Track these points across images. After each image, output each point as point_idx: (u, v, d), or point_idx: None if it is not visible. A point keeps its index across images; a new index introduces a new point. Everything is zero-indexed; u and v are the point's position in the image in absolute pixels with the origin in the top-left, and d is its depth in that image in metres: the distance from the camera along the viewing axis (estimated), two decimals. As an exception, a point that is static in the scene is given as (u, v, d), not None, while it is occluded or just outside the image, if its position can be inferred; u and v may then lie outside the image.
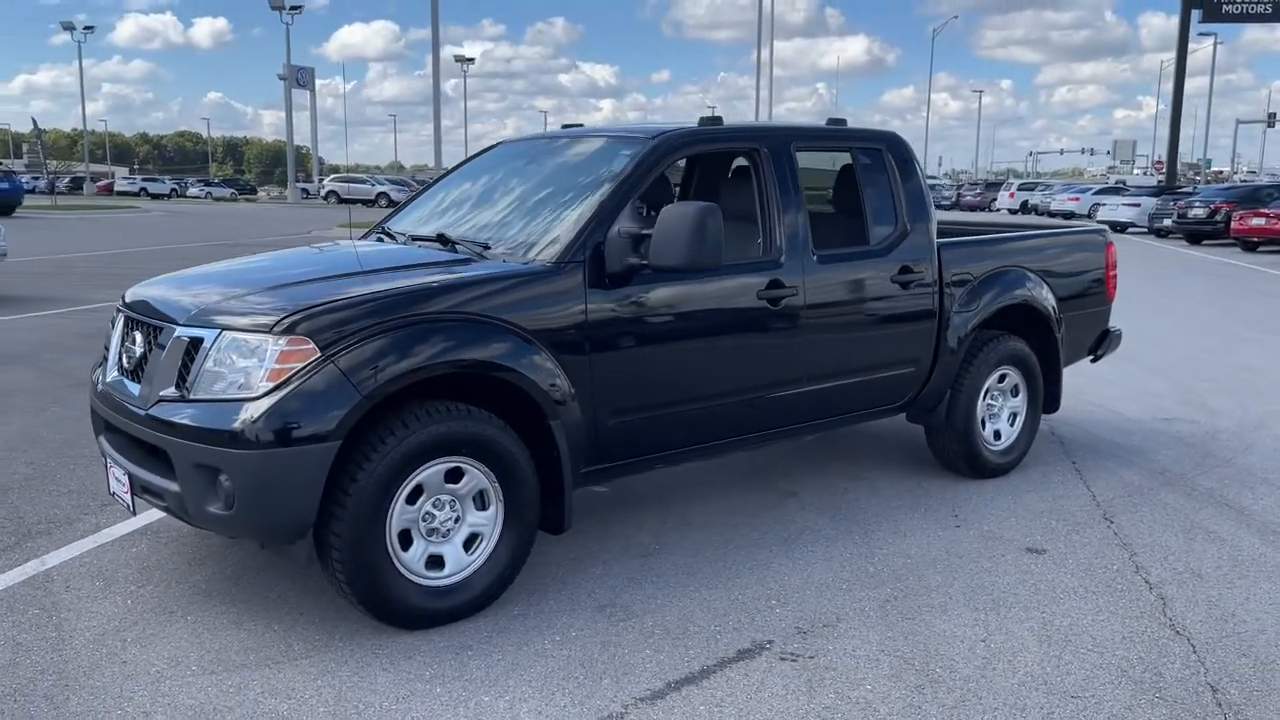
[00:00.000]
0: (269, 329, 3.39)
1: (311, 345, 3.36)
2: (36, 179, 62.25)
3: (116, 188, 71.33)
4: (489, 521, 3.75)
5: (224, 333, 3.46)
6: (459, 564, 3.70)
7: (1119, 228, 31.73)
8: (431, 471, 3.57)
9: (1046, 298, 5.64)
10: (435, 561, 3.66)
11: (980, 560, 4.38)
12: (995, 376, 5.48)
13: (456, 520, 3.69)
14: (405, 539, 3.57)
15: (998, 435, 5.58)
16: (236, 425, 3.29)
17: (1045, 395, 5.81)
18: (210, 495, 3.38)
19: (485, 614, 3.77)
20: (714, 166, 5.58)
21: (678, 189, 5.61)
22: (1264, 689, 3.32)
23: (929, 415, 5.40)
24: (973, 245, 5.49)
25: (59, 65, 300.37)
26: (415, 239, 4.56)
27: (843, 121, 5.22)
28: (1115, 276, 6.22)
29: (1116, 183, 53.30)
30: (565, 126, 5.40)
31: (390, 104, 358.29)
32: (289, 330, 3.37)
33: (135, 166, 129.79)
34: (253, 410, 3.29)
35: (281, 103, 27.87)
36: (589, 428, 3.98)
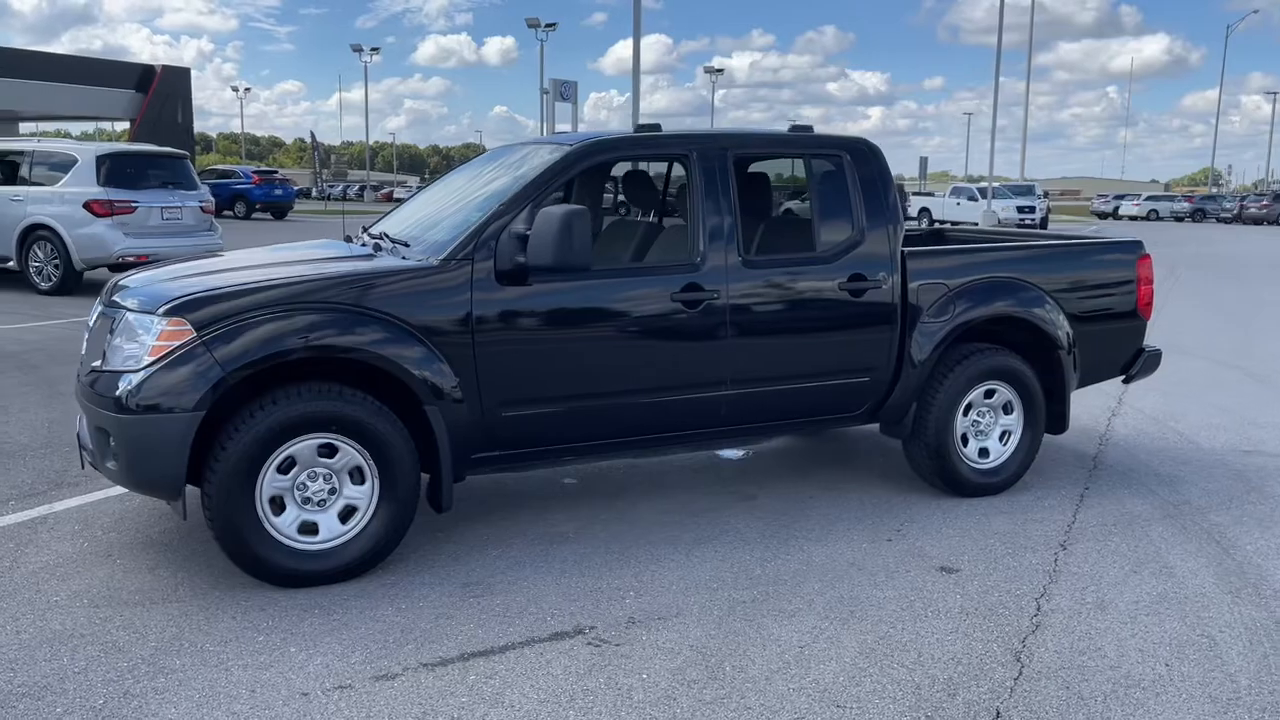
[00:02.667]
0: (154, 311, 3.90)
1: (188, 327, 3.84)
2: (332, 186, 71.07)
3: (395, 195, 77.66)
4: (364, 496, 4.10)
5: (128, 314, 4.00)
6: (332, 532, 4.07)
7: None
8: (304, 446, 3.96)
9: (1047, 311, 5.35)
10: (310, 528, 4.05)
11: (878, 574, 4.30)
12: (980, 391, 5.27)
13: (331, 492, 4.06)
14: (279, 505, 3.98)
15: (984, 453, 5.36)
16: (119, 393, 3.81)
17: (1050, 415, 5.51)
18: (106, 453, 3.93)
19: (362, 580, 4.12)
20: (651, 173, 5.68)
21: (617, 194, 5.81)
22: (1052, 717, 3.15)
23: (897, 427, 5.27)
24: (948, 255, 5.31)
25: (368, 84, 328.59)
26: (372, 237, 4.98)
27: (808, 129, 5.20)
28: (1150, 291, 5.78)
29: None
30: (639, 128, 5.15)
31: (660, 115, 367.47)
32: (170, 313, 3.87)
33: (425, 176, 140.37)
34: (134, 381, 3.81)
35: (555, 116, 29.14)
36: (477, 417, 4.25)
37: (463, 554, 4.45)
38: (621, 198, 5.87)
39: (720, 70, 76.98)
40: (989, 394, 5.32)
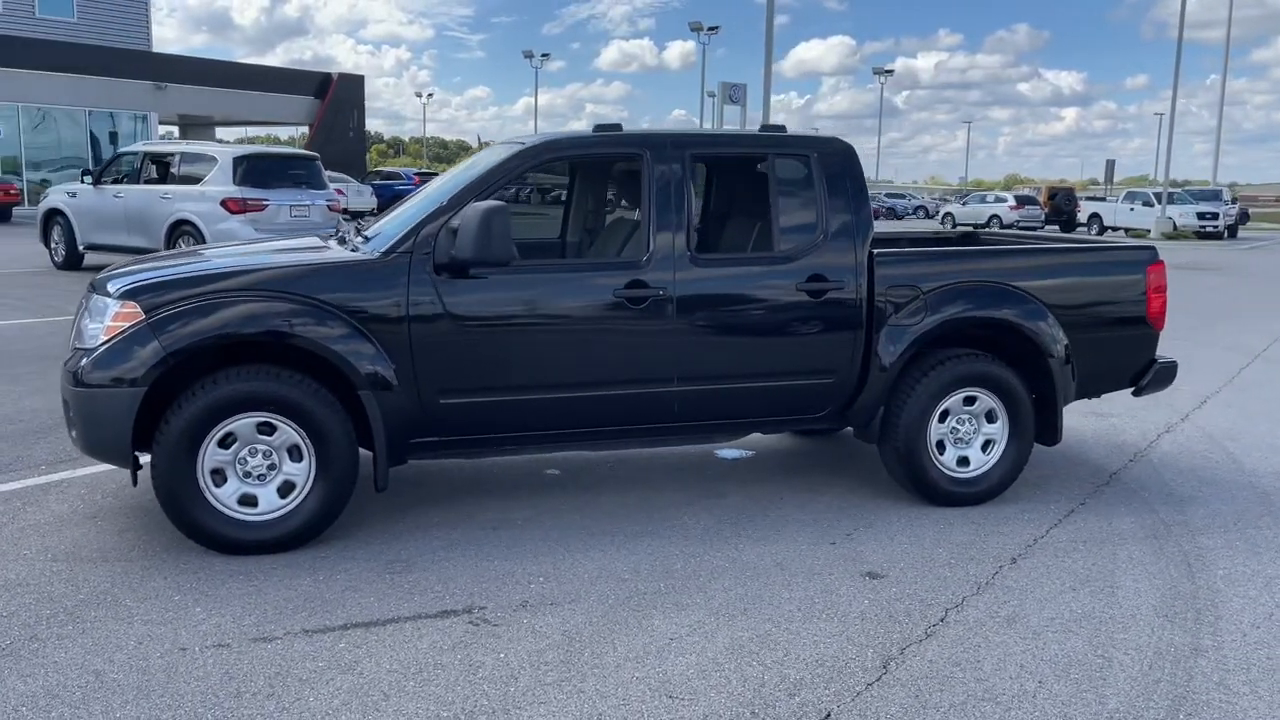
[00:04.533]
0: (111, 295, 4.28)
1: (138, 309, 4.20)
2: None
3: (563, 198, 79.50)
4: (302, 473, 4.37)
5: (95, 297, 4.40)
6: (271, 505, 4.35)
7: None
8: (243, 423, 4.26)
9: (1036, 317, 5.15)
10: (251, 500, 4.34)
11: (798, 575, 4.27)
12: (958, 398, 5.12)
13: (271, 468, 4.35)
14: (221, 477, 4.29)
15: (964, 462, 5.20)
16: (77, 368, 4.20)
17: (1041, 425, 5.30)
18: (70, 423, 4.33)
19: (300, 551, 4.39)
20: (615, 172, 5.75)
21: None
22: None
23: (866, 431, 5.18)
24: (923, 258, 5.18)
25: (551, 89, 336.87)
26: (356, 232, 5.26)
27: (781, 129, 5.18)
28: (1162, 300, 5.46)
29: None
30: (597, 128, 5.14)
31: (840, 118, 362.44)
32: (123, 296, 4.24)
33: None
34: (90, 358, 4.19)
35: (726, 119, 29.22)
36: (414, 404, 4.46)
37: (406, 533, 4.66)
38: (614, 194, 5.95)
39: (890, 71, 75.33)
40: (969, 401, 5.16)
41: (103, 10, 36.98)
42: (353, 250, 4.65)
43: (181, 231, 14.54)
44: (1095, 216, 40.96)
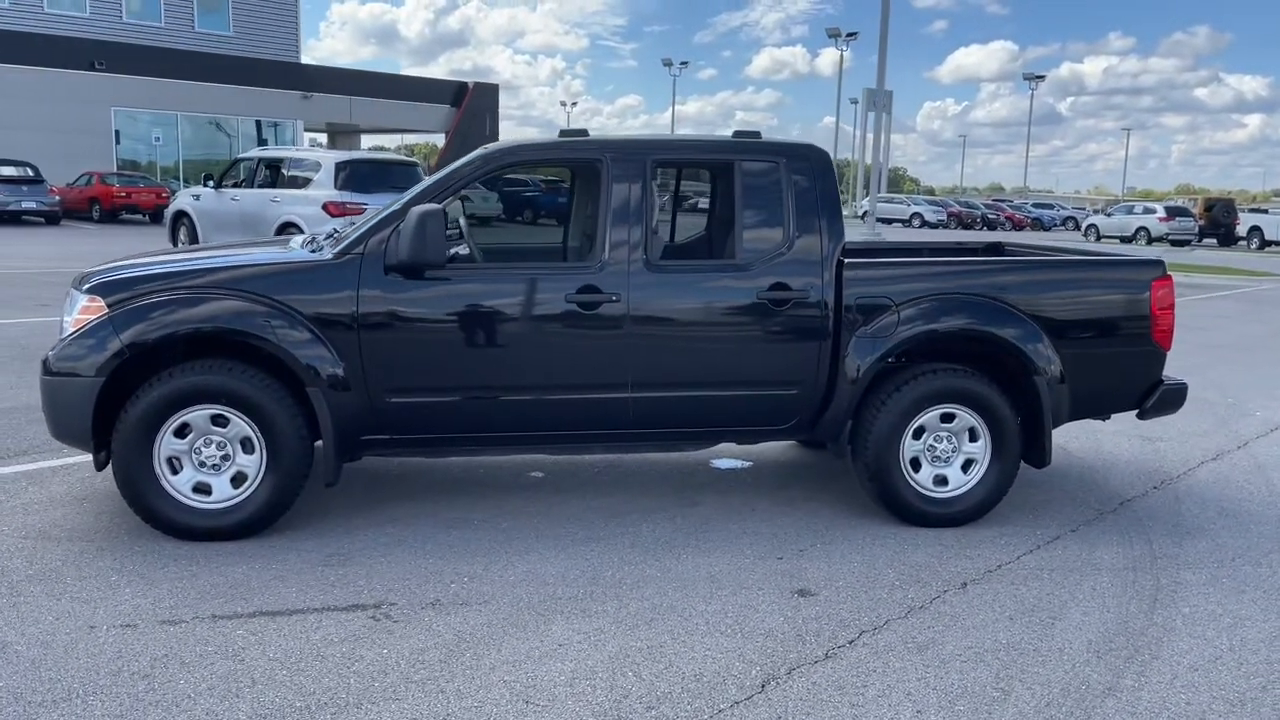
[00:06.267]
0: (81, 289, 4.53)
1: (101, 303, 4.43)
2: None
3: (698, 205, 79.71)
4: (253, 465, 4.53)
5: (72, 291, 4.66)
6: (224, 495, 4.52)
7: None
8: (197, 415, 4.44)
9: (1021, 332, 4.90)
10: (205, 489, 4.53)
11: (724, 590, 4.18)
12: (934, 414, 4.92)
13: (225, 458, 4.52)
14: (177, 465, 4.49)
15: (942, 481, 4.99)
16: (47, 358, 4.46)
17: (1029, 445, 5.04)
18: (43, 410, 4.60)
19: (251, 540, 4.54)
20: (585, 177, 5.60)
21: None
22: (717, 748, 3.01)
23: (835, 446, 5.03)
24: (896, 267, 4.99)
25: (702, 97, 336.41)
26: (332, 234, 5.40)
27: (756, 134, 5.08)
28: (1170, 317, 5.11)
29: None
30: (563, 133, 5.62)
31: (999, 125, 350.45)
32: (89, 291, 4.49)
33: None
34: (58, 348, 4.45)
35: (883, 125, 28.77)
36: (364, 401, 4.57)
37: (359, 528, 4.77)
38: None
39: (1041, 77, 72.66)
40: (948, 418, 4.95)
41: (256, 23, 39.06)
42: (313, 251, 4.79)
43: (288, 233, 15.24)
44: (1256, 230, 38.60)
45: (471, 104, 42.64)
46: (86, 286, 4.52)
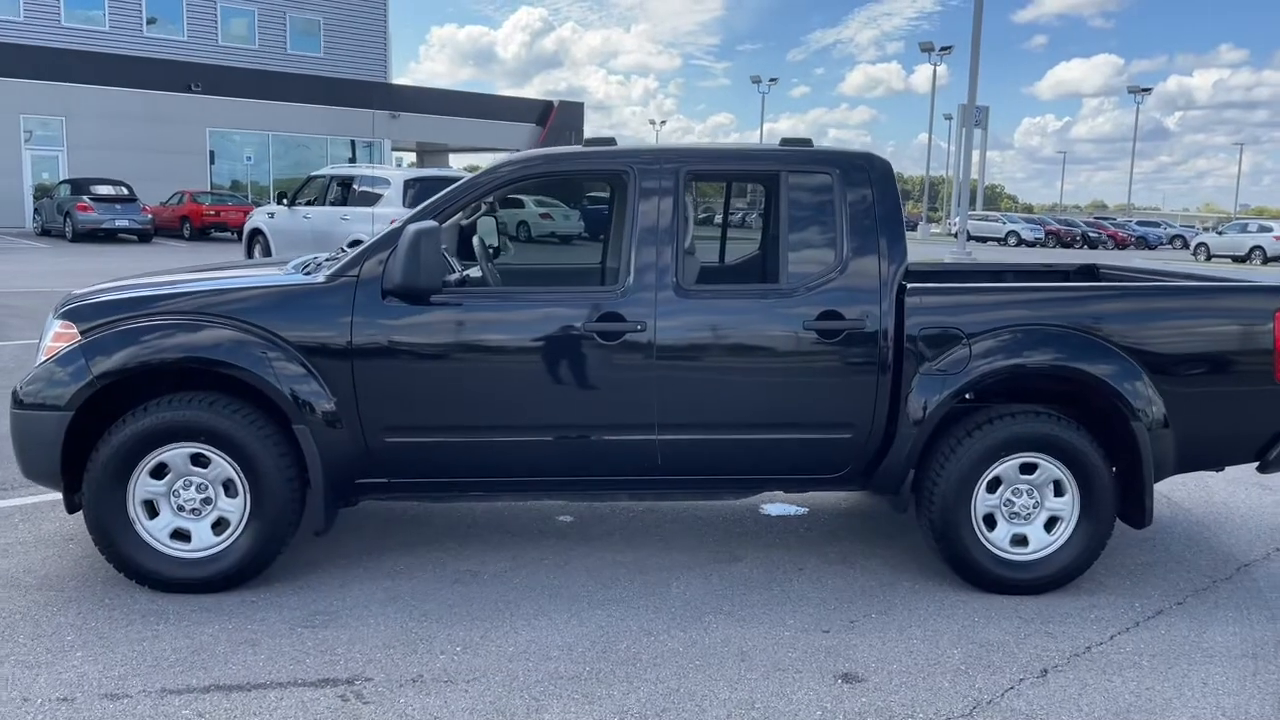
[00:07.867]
0: (55, 313, 4.14)
1: (75, 330, 4.03)
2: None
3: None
4: (237, 509, 4.07)
5: (50, 317, 4.28)
6: (204, 542, 4.07)
7: None
8: (176, 454, 4.00)
9: (1116, 371, 4.20)
10: (184, 535, 4.08)
11: (755, 671, 3.57)
12: (1013, 464, 4.24)
13: (206, 502, 4.07)
14: (153, 509, 4.06)
15: (1021, 542, 4.30)
16: (16, 387, 4.08)
17: (1126, 501, 4.32)
18: (12, 446, 4.21)
19: (231, 593, 4.08)
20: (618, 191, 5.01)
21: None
22: None
23: (895, 498, 4.38)
24: (966, 294, 4.33)
25: (794, 115, 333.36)
26: (333, 254, 4.94)
27: (807, 142, 4.47)
28: (1300, 354, 4.34)
29: None
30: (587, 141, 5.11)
31: (1102, 141, 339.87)
32: (62, 316, 4.09)
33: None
34: (27, 377, 4.06)
35: (977, 141, 27.71)
36: (357, 441, 4.09)
37: (354, 580, 4.29)
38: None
39: (1147, 90, 69.82)
40: (1028, 469, 4.26)
41: (347, 45, 39.60)
42: (307, 274, 4.34)
43: (356, 251, 15.06)
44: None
45: (556, 122, 42.57)
46: (60, 311, 4.13)
